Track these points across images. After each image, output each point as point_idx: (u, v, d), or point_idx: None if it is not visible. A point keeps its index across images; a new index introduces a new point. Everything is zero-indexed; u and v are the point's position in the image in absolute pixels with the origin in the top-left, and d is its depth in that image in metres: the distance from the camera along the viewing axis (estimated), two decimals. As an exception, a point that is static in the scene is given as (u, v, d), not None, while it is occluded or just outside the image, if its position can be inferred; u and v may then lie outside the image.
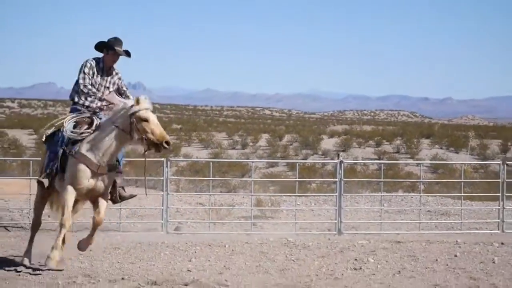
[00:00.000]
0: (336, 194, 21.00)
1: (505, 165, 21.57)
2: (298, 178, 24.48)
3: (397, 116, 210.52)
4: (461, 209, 23.18)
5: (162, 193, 20.86)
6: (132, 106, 13.92)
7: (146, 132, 13.77)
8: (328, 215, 22.61)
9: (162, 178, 20.90)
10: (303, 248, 17.69)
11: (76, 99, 14.64)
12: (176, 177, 24.78)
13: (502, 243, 19.05)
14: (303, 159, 64.13)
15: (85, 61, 14.62)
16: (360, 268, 15.51)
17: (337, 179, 20.69)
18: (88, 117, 14.33)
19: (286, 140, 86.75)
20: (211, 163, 22.45)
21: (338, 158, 21.85)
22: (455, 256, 17.07)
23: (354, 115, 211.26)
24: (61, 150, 13.92)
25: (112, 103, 14.40)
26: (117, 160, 14.37)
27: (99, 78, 14.64)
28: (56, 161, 13.97)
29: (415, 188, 31.80)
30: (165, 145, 13.82)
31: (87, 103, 14.56)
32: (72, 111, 14.70)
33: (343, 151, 70.03)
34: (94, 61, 14.64)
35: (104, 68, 14.70)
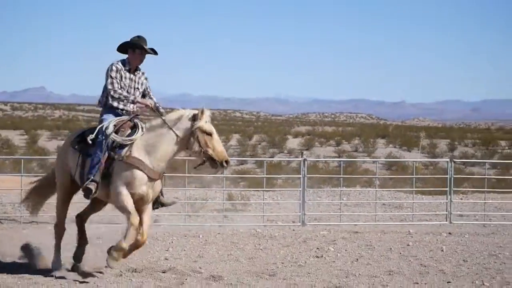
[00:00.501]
0: (300, 189, 21.00)
1: (453, 163, 21.72)
2: (266, 174, 24.53)
3: (355, 118, 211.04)
4: (413, 202, 23.26)
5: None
6: (195, 116, 12.44)
7: (207, 146, 12.34)
8: (292, 208, 22.58)
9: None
10: (270, 238, 17.68)
11: (110, 103, 12.82)
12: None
13: (450, 233, 19.16)
14: (270, 157, 64.12)
15: (110, 65, 12.87)
16: (322, 256, 15.52)
17: (301, 175, 20.68)
18: (129, 121, 12.66)
19: (255, 140, 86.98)
20: (187, 161, 22.38)
21: (302, 156, 21.87)
22: (408, 245, 17.13)
23: (317, 117, 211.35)
24: (106, 155, 12.22)
25: (146, 106, 12.82)
26: None
27: (128, 80, 12.90)
28: (100, 166, 12.19)
29: (372, 184, 31.87)
30: (224, 164, 12.42)
31: (121, 107, 12.84)
32: (104, 115, 12.85)
33: (306, 150, 70.30)
34: (119, 63, 12.88)
35: (131, 69, 12.95)
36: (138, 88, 13.04)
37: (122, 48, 13.10)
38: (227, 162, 12.42)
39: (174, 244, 16.93)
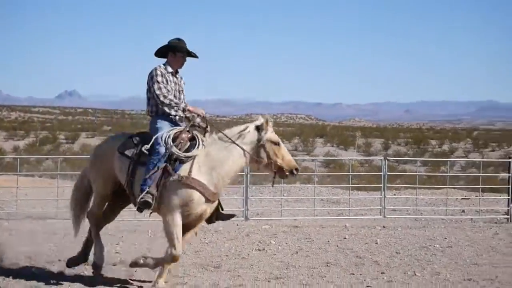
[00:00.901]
0: (244, 186, 21.00)
1: (386, 161, 21.87)
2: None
3: (295, 118, 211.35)
4: (349, 198, 23.38)
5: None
6: (260, 127, 11.42)
7: (277, 157, 11.27)
8: (236, 203, 22.56)
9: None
10: (215, 232, 17.65)
11: (161, 110, 11.45)
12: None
13: (384, 227, 19.31)
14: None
15: (154, 70, 11.52)
16: (264, 249, 15.54)
17: (244, 173, 20.68)
18: (187, 131, 11.31)
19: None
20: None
21: (245, 155, 21.91)
22: (344, 238, 17.22)
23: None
24: (162, 166, 10.90)
25: (198, 114, 11.45)
26: None
27: (172, 84, 11.58)
28: (156, 178, 10.87)
29: (311, 180, 31.99)
30: (295, 172, 11.43)
31: (173, 113, 11.47)
32: (158, 122, 11.43)
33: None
34: (162, 67, 11.57)
35: (173, 72, 11.65)
36: (181, 91, 11.84)
37: (160, 52, 11.79)
38: (297, 169, 11.44)
39: (125, 238, 16.83)
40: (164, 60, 11.78)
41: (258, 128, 11.38)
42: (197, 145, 11.11)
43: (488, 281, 12.37)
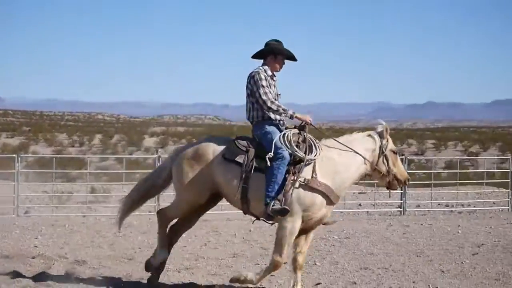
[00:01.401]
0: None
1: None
2: (125, 170, 24.27)
3: (204, 119, 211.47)
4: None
5: (14, 183, 20.44)
6: (381, 134, 10.50)
7: (394, 166, 10.44)
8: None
9: (14, 171, 20.44)
10: (129, 226, 17.48)
11: (267, 115, 10.23)
12: (25, 170, 24.07)
13: (286, 220, 19.41)
14: (129, 155, 63.51)
15: (257, 73, 10.24)
16: (175, 242, 15.48)
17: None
18: (298, 134, 10.26)
19: (115, 139, 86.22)
20: (54, 158, 21.96)
21: (156, 153, 21.82)
22: (250, 231, 17.26)
23: (170, 119, 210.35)
24: (285, 171, 9.83)
25: (306, 122, 10.27)
26: None
27: (273, 88, 10.36)
28: (280, 183, 9.79)
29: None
30: (407, 182, 10.67)
31: (278, 118, 10.29)
32: (267, 127, 10.20)
33: (161, 147, 69.90)
34: (263, 69, 10.32)
35: (271, 76, 10.42)
36: (279, 95, 10.56)
37: (259, 54, 10.52)
38: (408, 180, 10.66)
39: (43, 232, 16.56)
40: (259, 61, 10.57)
41: (380, 136, 10.50)
42: (314, 148, 10.11)
43: (382, 269, 12.54)
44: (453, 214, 21.57)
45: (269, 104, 10.08)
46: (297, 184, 9.80)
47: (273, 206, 9.75)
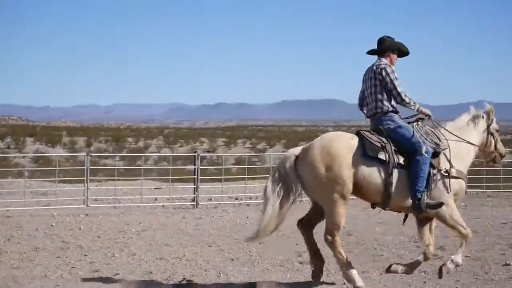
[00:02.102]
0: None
1: (89, 156, 21.76)
2: None
3: (8, 120, 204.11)
4: (56, 190, 22.90)
5: None
6: (488, 115, 10.43)
7: (497, 143, 10.50)
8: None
9: None
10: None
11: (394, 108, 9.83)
12: None
13: (87, 215, 19.15)
14: None
15: (387, 65, 9.86)
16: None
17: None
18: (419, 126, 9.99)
19: None
20: None
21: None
22: (52, 225, 16.87)
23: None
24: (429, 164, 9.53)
25: (428, 115, 9.96)
26: None
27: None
28: (426, 176, 9.49)
29: (22, 175, 30.84)
30: (503, 157, 10.73)
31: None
32: (397, 121, 9.77)
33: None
34: (388, 63, 9.93)
35: None
36: None
37: (382, 50, 10.04)
38: (504, 155, 10.71)
39: None
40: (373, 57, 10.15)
41: (488, 117, 10.43)
42: (442, 139, 9.89)
43: (177, 259, 12.62)
44: (242, 206, 22.03)
45: (403, 96, 9.71)
46: (439, 176, 9.63)
47: (426, 200, 9.48)
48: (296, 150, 9.77)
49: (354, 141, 9.57)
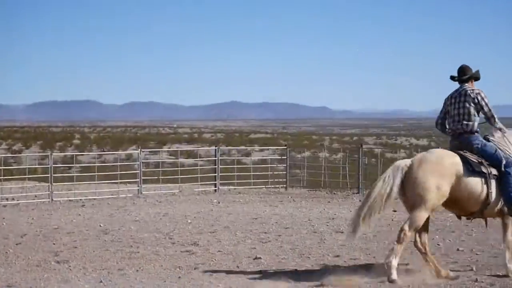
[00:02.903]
0: None
1: None
2: None
3: None
4: None
5: None
6: None
7: None
8: None
9: None
10: None
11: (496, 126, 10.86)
12: None
13: None
14: None
15: (481, 91, 10.84)
16: None
17: None
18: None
19: None
20: None
21: None
22: None
23: None
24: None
25: (501, 129, 11.00)
26: None
27: None
28: None
29: None
30: None
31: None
32: (479, 141, 10.81)
33: None
34: None
35: None
36: None
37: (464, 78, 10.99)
38: None
39: None
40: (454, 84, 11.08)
41: None
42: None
43: None
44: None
45: (496, 118, 10.86)
46: None
47: None
48: (408, 161, 10.65)
49: (457, 158, 10.58)
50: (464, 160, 10.58)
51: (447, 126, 11.18)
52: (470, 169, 10.53)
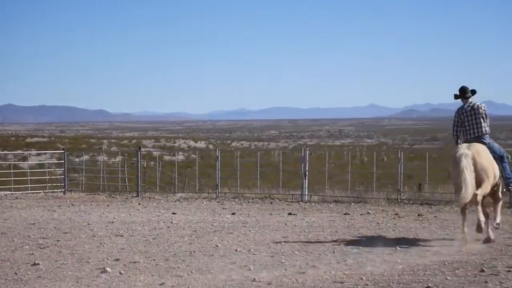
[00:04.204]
0: None
1: None
2: None
3: None
4: None
5: None
6: None
7: None
8: None
9: None
10: None
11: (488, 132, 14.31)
12: None
13: None
14: None
15: (483, 105, 14.12)
16: None
17: None
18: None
19: None
20: None
21: None
22: None
23: None
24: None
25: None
26: None
27: None
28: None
29: None
30: None
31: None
32: (489, 139, 14.00)
33: None
34: None
35: None
36: None
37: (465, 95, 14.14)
38: None
39: None
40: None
41: None
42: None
43: None
44: None
45: (488, 126, 14.10)
46: None
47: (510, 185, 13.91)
48: (466, 149, 13.24)
49: (483, 147, 13.53)
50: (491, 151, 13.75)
51: (464, 133, 14.08)
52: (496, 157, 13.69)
